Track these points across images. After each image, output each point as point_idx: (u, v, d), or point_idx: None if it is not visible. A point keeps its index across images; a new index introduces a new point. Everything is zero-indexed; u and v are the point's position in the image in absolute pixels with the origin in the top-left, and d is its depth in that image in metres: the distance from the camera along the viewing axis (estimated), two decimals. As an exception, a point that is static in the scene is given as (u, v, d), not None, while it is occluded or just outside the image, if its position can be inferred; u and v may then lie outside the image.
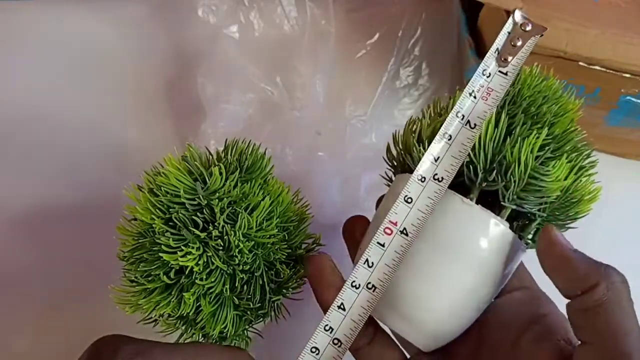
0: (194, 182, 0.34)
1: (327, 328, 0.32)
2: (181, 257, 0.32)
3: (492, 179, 0.32)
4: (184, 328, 0.36)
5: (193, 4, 0.49)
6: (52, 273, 0.46)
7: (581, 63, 0.44)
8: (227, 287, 0.34)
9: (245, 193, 0.35)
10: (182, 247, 0.32)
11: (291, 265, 0.37)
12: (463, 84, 0.35)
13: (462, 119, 0.34)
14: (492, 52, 0.35)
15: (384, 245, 0.32)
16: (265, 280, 0.35)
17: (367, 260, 0.32)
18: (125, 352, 0.28)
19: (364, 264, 0.32)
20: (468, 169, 0.33)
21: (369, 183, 0.48)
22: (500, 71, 0.35)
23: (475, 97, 0.34)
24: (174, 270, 0.33)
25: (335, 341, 0.32)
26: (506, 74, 0.35)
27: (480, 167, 0.32)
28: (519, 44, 0.35)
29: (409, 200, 0.33)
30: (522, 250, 0.34)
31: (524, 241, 0.34)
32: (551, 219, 0.34)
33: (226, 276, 0.34)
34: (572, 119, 0.35)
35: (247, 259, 0.33)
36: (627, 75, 0.44)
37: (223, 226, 0.33)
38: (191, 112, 0.50)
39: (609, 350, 0.28)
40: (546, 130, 0.32)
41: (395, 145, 0.37)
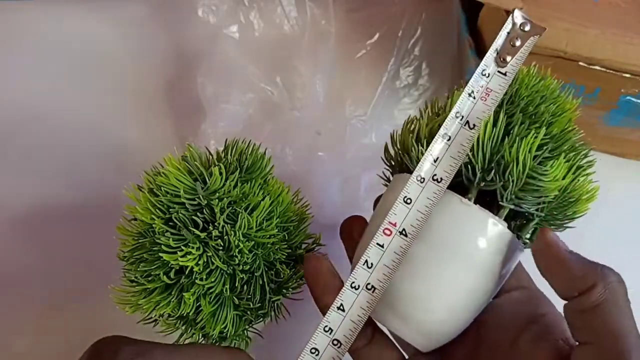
0: (194, 182, 0.34)
1: (327, 329, 0.32)
2: (181, 257, 0.32)
3: (490, 179, 0.32)
4: (184, 328, 0.36)
5: (193, 4, 0.49)
6: (52, 273, 0.46)
7: (581, 63, 0.44)
8: (227, 287, 0.34)
9: (245, 193, 0.35)
10: (182, 247, 0.32)
11: (291, 265, 0.37)
12: (463, 84, 0.35)
13: (461, 120, 0.34)
14: (491, 52, 0.35)
15: (383, 246, 0.32)
16: (265, 280, 0.35)
17: (366, 261, 0.32)
18: (126, 352, 0.28)
19: (364, 264, 0.32)
20: (466, 168, 0.33)
21: (369, 183, 0.48)
22: (499, 71, 0.35)
23: (474, 98, 0.34)
24: (174, 270, 0.33)
25: (335, 342, 0.32)
26: (505, 74, 0.35)
27: (479, 167, 0.32)
28: (518, 44, 0.35)
29: (408, 201, 0.33)
30: (520, 250, 0.34)
31: (521, 241, 0.34)
32: (549, 218, 0.34)
33: (226, 276, 0.34)
34: (570, 119, 0.35)
35: (247, 259, 0.34)
36: (627, 75, 0.44)
37: (223, 226, 0.33)
38: (191, 112, 0.50)
39: (607, 350, 0.28)
40: (544, 130, 0.32)
41: (393, 145, 0.37)
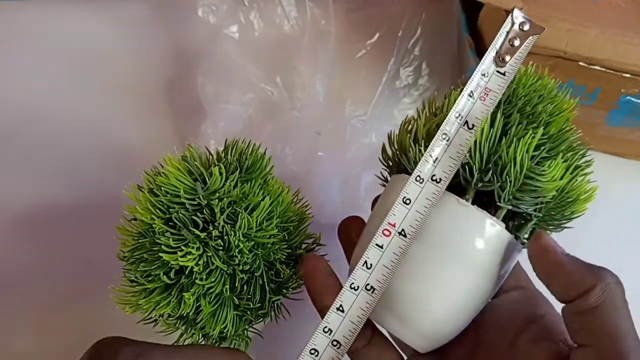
0: (194, 182, 0.34)
1: (326, 330, 0.32)
2: (181, 257, 0.32)
3: (487, 180, 0.32)
4: (184, 328, 0.36)
5: (193, 4, 0.49)
6: (52, 273, 0.46)
7: (581, 63, 0.44)
8: (227, 287, 0.34)
9: (245, 193, 0.35)
10: (182, 247, 0.32)
11: (291, 265, 0.37)
12: (460, 83, 0.35)
13: (460, 120, 0.34)
14: (490, 52, 0.35)
15: (382, 247, 0.32)
16: (265, 280, 0.35)
17: (365, 262, 0.32)
18: (126, 354, 0.28)
19: (363, 265, 0.32)
20: (464, 169, 0.33)
21: (369, 183, 0.48)
22: (498, 71, 0.34)
23: (473, 98, 0.34)
24: (174, 270, 0.33)
25: (334, 343, 0.32)
26: (504, 74, 0.34)
27: (476, 168, 0.32)
28: (517, 43, 0.35)
29: (408, 202, 0.33)
30: (518, 250, 0.34)
31: (519, 241, 0.34)
32: (547, 218, 0.34)
33: (226, 276, 0.34)
34: (568, 118, 0.34)
35: (247, 259, 0.34)
36: (627, 75, 0.44)
37: (223, 226, 0.33)
38: (191, 112, 0.50)
39: (606, 352, 0.28)
40: (542, 130, 0.32)
41: (390, 145, 0.37)
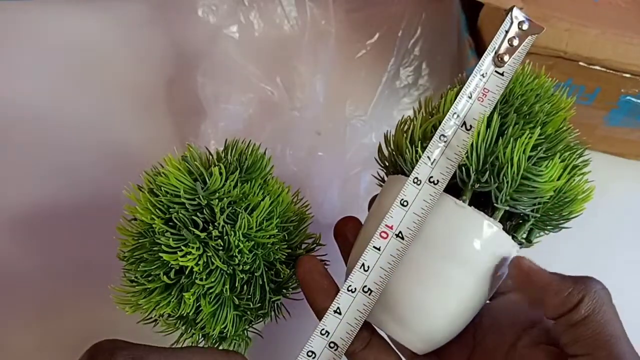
0: (194, 182, 0.34)
1: (323, 332, 0.32)
2: (181, 257, 0.32)
3: (484, 181, 0.32)
4: (184, 328, 0.36)
5: (193, 4, 0.49)
6: (52, 273, 0.46)
7: (581, 63, 0.44)
8: (227, 287, 0.34)
9: (245, 193, 0.35)
10: (182, 247, 0.32)
11: (291, 265, 0.37)
12: (463, 85, 0.35)
13: (458, 121, 0.34)
14: (489, 52, 0.34)
15: (379, 249, 0.32)
16: (265, 280, 0.35)
17: (363, 264, 0.32)
18: (121, 357, 0.28)
19: (360, 267, 0.32)
20: (460, 170, 0.33)
21: (369, 183, 0.48)
22: (496, 71, 0.34)
23: (471, 98, 0.34)
24: (174, 270, 0.33)
25: (332, 345, 0.32)
26: (502, 74, 0.34)
27: (473, 169, 0.32)
28: (516, 43, 0.34)
29: (405, 204, 0.33)
30: (515, 251, 0.34)
31: (517, 241, 0.34)
32: (545, 219, 0.34)
33: (226, 276, 0.34)
34: (565, 118, 0.34)
35: (247, 259, 0.34)
36: (627, 75, 0.44)
37: (223, 226, 0.33)
38: (191, 112, 0.50)
39: (603, 358, 0.28)
40: (539, 130, 0.32)
41: (387, 145, 0.37)
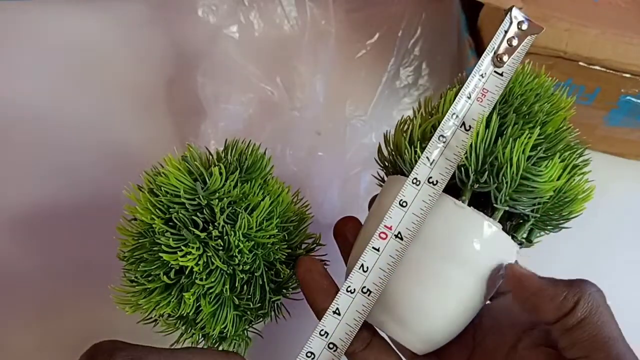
0: (194, 182, 0.34)
1: (323, 333, 0.32)
2: (181, 257, 0.32)
3: (484, 181, 0.32)
4: (184, 328, 0.36)
5: (193, 4, 0.49)
6: (52, 273, 0.46)
7: (581, 63, 0.44)
8: (227, 287, 0.34)
9: (245, 193, 0.35)
10: (182, 247, 0.32)
11: (291, 265, 0.37)
12: (462, 84, 0.35)
13: (457, 121, 0.33)
14: (488, 52, 0.34)
15: (378, 250, 0.32)
16: (265, 280, 0.35)
17: (362, 265, 0.32)
18: (121, 357, 0.28)
19: (359, 268, 0.32)
20: (459, 170, 0.33)
21: (369, 183, 0.48)
22: (495, 71, 0.34)
23: (470, 98, 0.34)
24: (174, 270, 0.33)
25: (331, 345, 0.32)
26: (502, 74, 0.34)
27: (472, 169, 0.32)
28: (515, 43, 0.34)
29: (404, 204, 0.33)
30: (515, 252, 0.34)
31: (517, 241, 0.34)
32: (545, 219, 0.34)
33: (226, 276, 0.34)
34: (565, 118, 0.34)
35: (247, 259, 0.34)
36: (627, 75, 0.44)
37: (223, 226, 0.33)
38: (191, 112, 0.50)
39: (602, 359, 0.28)
40: (538, 130, 0.32)
41: (386, 145, 0.37)
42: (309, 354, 0.32)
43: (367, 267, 0.32)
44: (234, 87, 0.49)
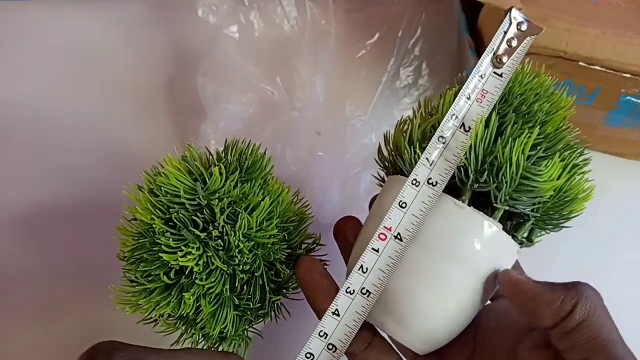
0: (194, 182, 0.34)
1: (322, 334, 0.32)
2: (181, 257, 0.32)
3: (483, 181, 0.32)
4: (184, 328, 0.36)
5: (193, 4, 0.49)
6: (52, 273, 0.46)
7: (581, 63, 0.44)
8: (227, 287, 0.34)
9: (245, 193, 0.35)
10: (182, 247, 0.32)
11: (291, 265, 0.37)
12: (462, 84, 0.35)
13: (456, 122, 0.33)
14: (487, 53, 0.34)
15: (378, 251, 0.32)
16: (265, 280, 0.35)
17: (361, 266, 0.32)
18: (119, 358, 0.28)
19: (359, 269, 0.32)
20: (459, 170, 0.33)
21: (369, 183, 0.48)
22: (495, 72, 0.34)
23: (469, 99, 0.34)
24: (174, 270, 0.33)
25: (330, 346, 0.32)
26: (501, 75, 0.34)
27: (472, 169, 0.32)
28: (515, 44, 0.34)
29: (403, 205, 0.33)
30: (516, 251, 0.34)
31: (517, 241, 0.34)
32: (545, 218, 0.34)
33: (226, 276, 0.34)
34: (565, 117, 0.34)
35: (247, 259, 0.34)
36: (627, 75, 0.44)
37: (223, 226, 0.33)
38: (191, 112, 0.50)
39: None
40: (537, 129, 0.32)
41: (386, 145, 0.37)
42: (308, 355, 0.32)
43: (367, 268, 0.32)
44: (234, 87, 0.49)
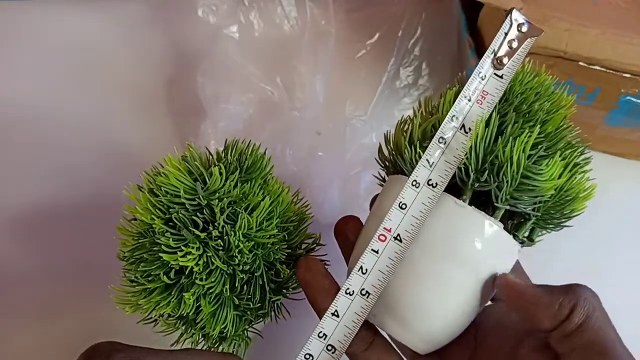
0: (194, 182, 0.34)
1: (321, 335, 0.32)
2: (181, 257, 0.32)
3: (484, 180, 0.32)
4: (184, 328, 0.36)
5: (193, 4, 0.49)
6: (52, 273, 0.46)
7: (581, 63, 0.44)
8: (227, 287, 0.34)
9: (245, 193, 0.35)
10: (182, 247, 0.32)
11: (291, 265, 0.37)
12: (462, 84, 0.35)
13: (456, 123, 0.33)
14: (488, 54, 0.34)
15: (377, 252, 0.32)
16: (265, 280, 0.35)
17: (361, 267, 0.32)
18: (118, 359, 0.28)
19: (358, 271, 0.32)
20: (460, 170, 0.33)
21: (369, 183, 0.48)
22: (495, 74, 0.34)
23: (470, 100, 0.34)
24: (174, 270, 0.33)
25: (329, 347, 0.32)
26: (501, 76, 0.34)
27: (472, 168, 0.32)
28: (515, 45, 0.34)
29: (403, 207, 0.32)
30: (517, 251, 0.34)
31: (518, 240, 0.34)
32: (546, 217, 0.34)
33: (226, 276, 0.34)
34: (565, 116, 0.34)
35: (247, 259, 0.34)
36: (627, 75, 0.44)
37: (223, 226, 0.33)
38: (191, 112, 0.50)
39: None
40: (538, 129, 0.32)
41: (386, 145, 0.37)
42: (307, 356, 0.32)
43: (366, 269, 0.32)
44: (234, 87, 0.49)
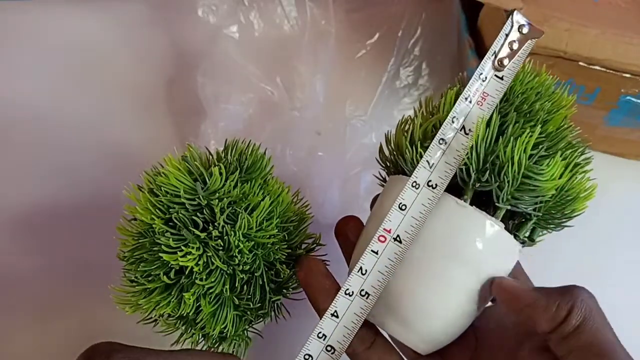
0: (194, 182, 0.34)
1: (320, 335, 0.32)
2: (181, 257, 0.32)
3: (485, 180, 0.32)
4: (184, 328, 0.36)
5: (193, 4, 0.49)
6: (52, 273, 0.46)
7: (581, 63, 0.44)
8: (227, 287, 0.34)
9: (245, 193, 0.35)
10: (182, 247, 0.32)
11: (291, 265, 0.37)
12: (463, 84, 0.35)
13: (457, 125, 0.33)
14: (489, 56, 0.34)
15: (377, 253, 0.32)
16: (265, 280, 0.35)
17: (360, 268, 0.32)
18: (118, 359, 0.28)
19: (358, 271, 0.32)
20: (461, 170, 0.33)
21: (369, 183, 0.48)
22: (496, 75, 0.34)
23: (470, 102, 0.34)
24: (174, 270, 0.33)
25: (329, 348, 0.32)
26: (502, 78, 0.34)
27: (473, 168, 0.32)
28: (516, 47, 0.34)
29: (403, 207, 0.33)
30: (518, 251, 0.34)
31: (519, 240, 0.34)
32: (547, 217, 0.34)
33: (226, 276, 0.34)
34: (566, 116, 0.34)
35: (247, 259, 0.33)
36: (627, 75, 0.44)
37: (223, 226, 0.33)
38: (191, 112, 0.50)
39: None
40: (539, 128, 0.32)
41: (387, 145, 0.37)
42: (307, 356, 0.32)
43: (366, 270, 0.32)
44: (234, 87, 0.49)
